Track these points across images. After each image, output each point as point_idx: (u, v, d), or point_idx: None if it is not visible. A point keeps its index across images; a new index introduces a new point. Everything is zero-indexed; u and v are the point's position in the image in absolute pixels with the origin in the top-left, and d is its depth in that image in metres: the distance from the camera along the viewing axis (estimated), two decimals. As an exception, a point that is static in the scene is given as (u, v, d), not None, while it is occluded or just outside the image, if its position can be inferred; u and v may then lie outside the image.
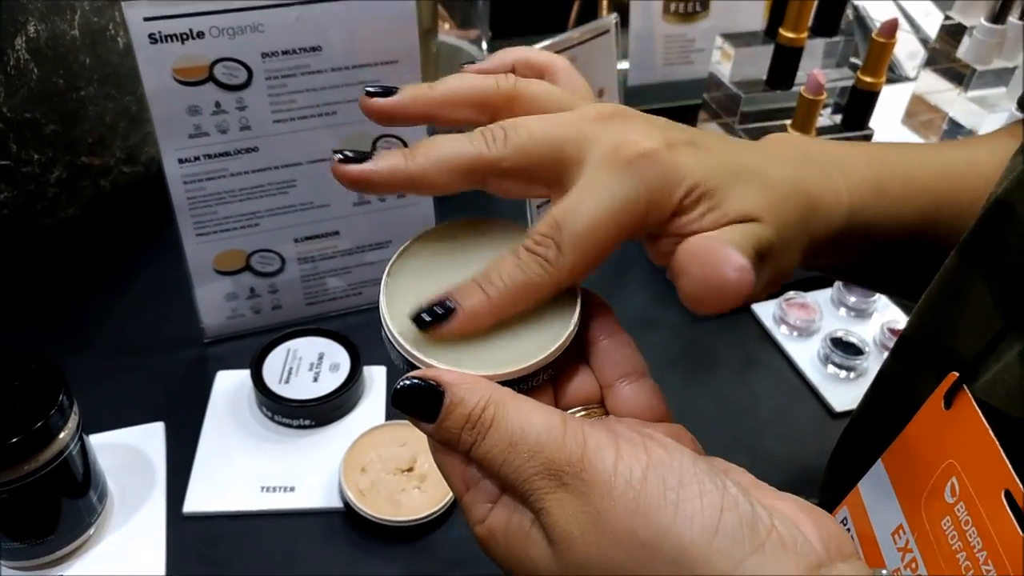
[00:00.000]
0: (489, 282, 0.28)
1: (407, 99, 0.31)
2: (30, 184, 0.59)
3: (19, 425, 0.41)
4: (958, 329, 0.34)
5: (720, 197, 0.29)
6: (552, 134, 0.29)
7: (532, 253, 0.28)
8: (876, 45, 0.65)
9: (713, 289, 0.27)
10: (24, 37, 0.55)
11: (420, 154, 0.29)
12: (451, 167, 0.29)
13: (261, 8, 0.52)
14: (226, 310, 0.62)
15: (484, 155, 0.29)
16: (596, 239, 0.28)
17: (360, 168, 0.29)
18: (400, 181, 0.30)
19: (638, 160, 0.28)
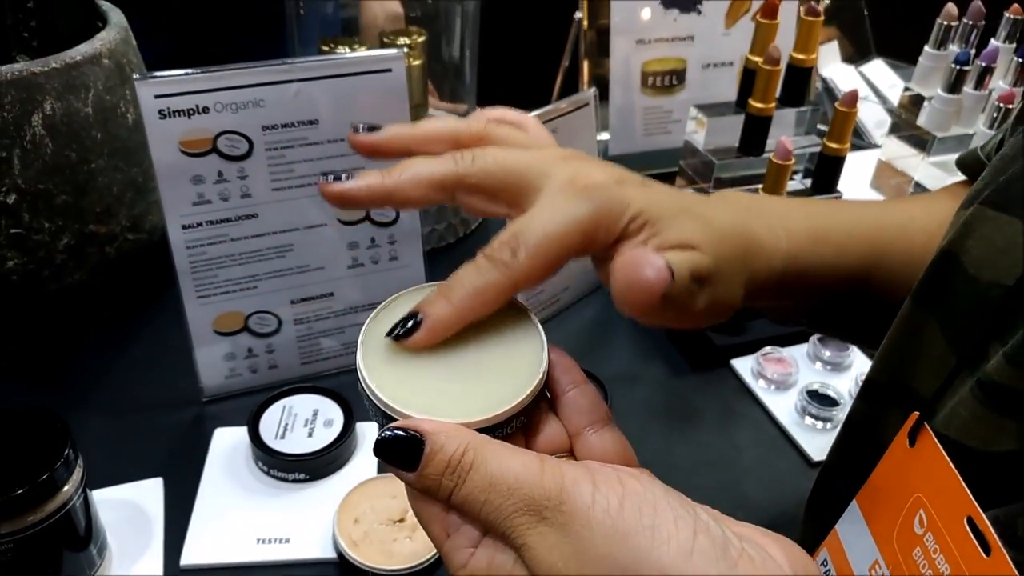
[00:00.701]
0: (450, 289, 0.31)
1: (389, 135, 0.37)
2: (40, 251, 0.62)
3: (25, 476, 0.43)
4: (917, 369, 0.37)
5: (662, 226, 0.32)
6: (515, 160, 0.34)
7: (489, 258, 0.31)
8: (839, 114, 0.69)
9: (633, 286, 0.30)
10: (41, 114, 0.58)
11: (396, 171, 0.34)
12: (423, 182, 0.34)
13: (262, 85, 0.56)
14: (224, 370, 0.64)
15: (452, 171, 0.34)
16: (549, 247, 0.31)
17: (343, 185, 0.34)
18: (379, 195, 0.34)
19: (591, 188, 0.32)
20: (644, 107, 0.97)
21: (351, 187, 0.34)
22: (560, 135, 0.71)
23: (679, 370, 0.71)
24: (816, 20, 0.70)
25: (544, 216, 0.31)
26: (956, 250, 0.35)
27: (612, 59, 0.93)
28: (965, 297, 0.34)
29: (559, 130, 0.70)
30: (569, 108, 0.71)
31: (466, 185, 0.34)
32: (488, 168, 0.34)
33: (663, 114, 0.98)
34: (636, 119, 0.97)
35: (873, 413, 0.40)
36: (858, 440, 0.41)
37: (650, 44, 0.94)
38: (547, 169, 0.33)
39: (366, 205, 0.35)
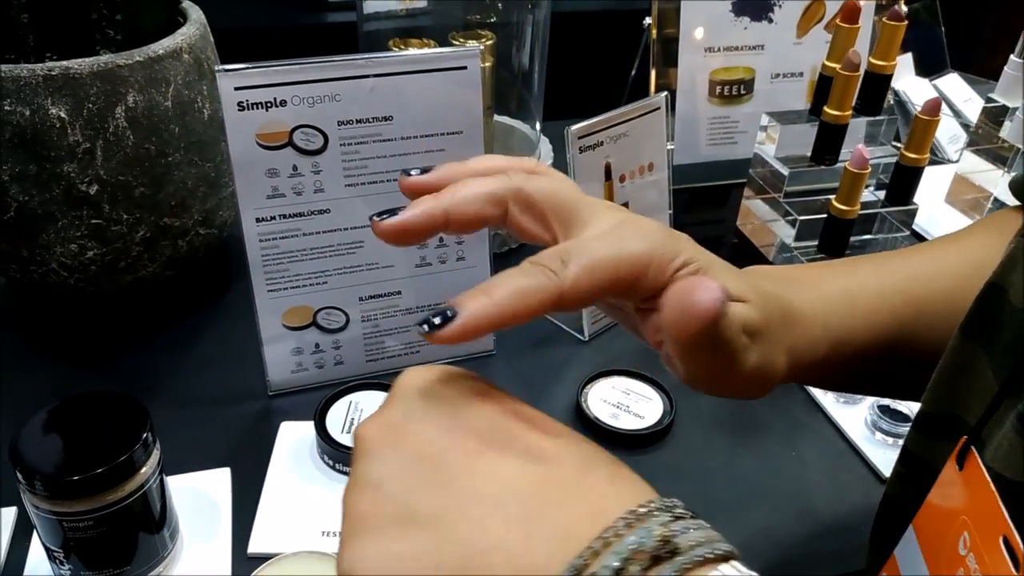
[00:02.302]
0: (492, 285, 0.29)
1: (441, 174, 0.35)
2: (118, 242, 0.64)
3: (106, 457, 0.44)
4: (967, 402, 0.36)
5: (713, 275, 0.32)
6: (567, 192, 0.33)
7: (536, 264, 0.30)
8: (920, 122, 0.67)
9: (688, 310, 0.29)
10: (124, 107, 0.60)
11: (448, 193, 0.33)
12: (479, 196, 0.33)
13: (339, 80, 0.57)
14: (291, 364, 0.64)
15: (507, 183, 0.33)
16: (600, 268, 0.30)
17: (398, 219, 0.32)
18: (437, 218, 0.32)
19: (646, 227, 0.32)
20: (710, 117, 0.96)
21: (407, 218, 0.32)
22: (630, 140, 0.71)
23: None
24: (899, 25, 0.69)
25: (598, 240, 0.31)
26: (1002, 283, 0.35)
27: (680, 67, 0.92)
28: (1010, 329, 0.34)
29: (629, 134, 0.70)
30: (639, 112, 0.71)
31: (521, 198, 0.33)
32: (543, 187, 0.33)
33: (729, 124, 0.97)
34: (701, 129, 0.96)
35: (927, 444, 0.40)
36: (915, 470, 0.41)
37: (719, 52, 0.93)
38: (598, 209, 0.33)
39: (426, 234, 0.33)
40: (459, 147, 0.61)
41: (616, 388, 0.66)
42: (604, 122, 0.68)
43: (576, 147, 0.65)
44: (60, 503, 0.43)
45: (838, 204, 0.71)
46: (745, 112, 0.96)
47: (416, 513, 0.26)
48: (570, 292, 0.29)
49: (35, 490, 0.43)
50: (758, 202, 0.83)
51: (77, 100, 0.58)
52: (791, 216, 0.78)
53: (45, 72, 0.57)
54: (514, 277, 0.29)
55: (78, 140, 0.59)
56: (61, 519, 0.44)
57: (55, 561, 0.47)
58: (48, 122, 0.58)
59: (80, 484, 0.43)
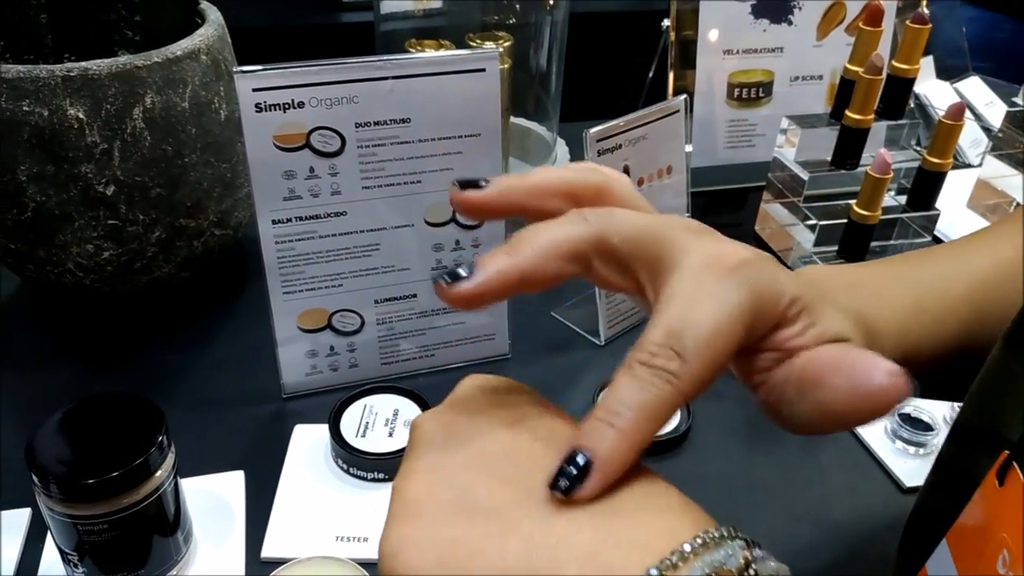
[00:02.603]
0: (615, 414, 0.25)
1: (498, 190, 0.31)
2: (133, 243, 0.63)
3: (121, 460, 0.44)
4: (1007, 415, 0.35)
5: (818, 314, 0.28)
6: (652, 226, 0.28)
7: (650, 367, 0.26)
8: (943, 127, 0.67)
9: (864, 397, 0.26)
10: (142, 107, 0.59)
11: (523, 246, 0.28)
12: (560, 252, 0.28)
13: (358, 81, 0.57)
14: (306, 367, 0.64)
15: (588, 233, 0.28)
16: (717, 345, 0.26)
17: (471, 284, 0.28)
18: (513, 280, 0.28)
19: (743, 266, 0.27)
20: (728, 119, 0.95)
21: (482, 282, 0.28)
22: (648, 143, 0.70)
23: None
24: (923, 28, 0.68)
25: (704, 307, 0.26)
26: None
27: (698, 69, 0.92)
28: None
29: (648, 137, 0.69)
30: (658, 115, 0.70)
31: (605, 249, 0.28)
32: (627, 231, 0.28)
33: (747, 127, 0.96)
34: (719, 132, 0.96)
35: (964, 457, 0.38)
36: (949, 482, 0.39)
37: (738, 55, 0.92)
38: (683, 241, 0.28)
39: (502, 298, 0.28)
40: (477, 149, 0.61)
41: (633, 394, 0.65)
42: (623, 125, 0.67)
43: (595, 150, 0.65)
44: (75, 506, 0.43)
45: (859, 209, 0.70)
46: (763, 115, 0.95)
47: (477, 503, 0.25)
48: (695, 390, 0.26)
49: (50, 493, 0.43)
50: (777, 206, 0.82)
51: (95, 101, 0.58)
52: (811, 221, 0.77)
53: (64, 73, 0.57)
54: (634, 394, 0.25)
55: (96, 141, 0.59)
56: (76, 522, 0.44)
57: (69, 564, 0.46)
58: (66, 123, 0.57)
59: (95, 487, 0.43)
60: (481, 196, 0.31)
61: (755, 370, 0.29)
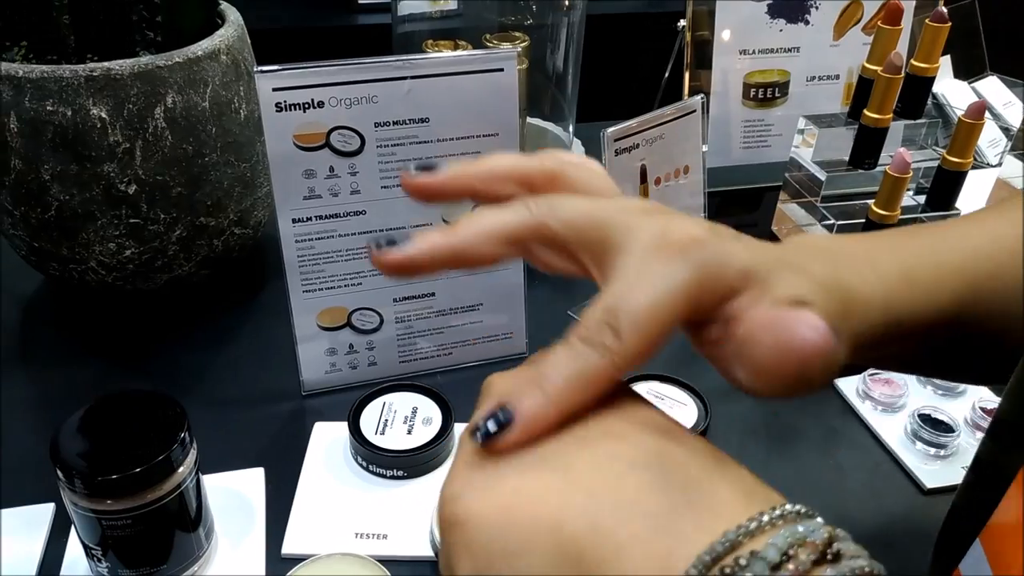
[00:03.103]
0: (543, 378, 0.26)
1: (449, 175, 0.31)
2: (155, 241, 0.64)
3: (144, 456, 0.44)
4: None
5: (771, 281, 0.28)
6: (597, 211, 0.29)
7: (587, 341, 0.26)
8: (963, 126, 0.66)
9: (788, 352, 0.26)
10: (163, 107, 0.60)
11: (461, 227, 0.29)
12: (496, 235, 0.29)
13: (377, 81, 0.57)
14: (325, 365, 0.64)
15: (528, 220, 0.29)
16: (656, 321, 0.26)
17: (400, 251, 0.29)
18: (444, 257, 0.29)
19: (688, 244, 0.27)
20: (743, 119, 0.95)
21: (411, 253, 0.29)
22: (665, 142, 0.70)
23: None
24: (943, 27, 0.68)
25: (644, 285, 0.27)
26: None
27: (714, 69, 0.92)
28: None
29: (665, 137, 0.69)
30: (675, 115, 0.70)
31: (544, 236, 0.29)
32: (569, 217, 0.29)
33: (763, 127, 0.96)
34: (735, 132, 0.95)
35: (1002, 453, 0.37)
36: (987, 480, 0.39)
37: (753, 55, 0.92)
38: (632, 222, 0.28)
39: (429, 270, 0.29)
40: (495, 149, 0.61)
41: (651, 393, 0.65)
42: (640, 125, 0.67)
43: (612, 149, 0.65)
44: (99, 501, 0.44)
45: (878, 209, 0.70)
46: (778, 115, 0.95)
47: (545, 458, 0.26)
48: (629, 363, 0.26)
49: (75, 488, 0.43)
50: (794, 206, 0.82)
51: (118, 101, 0.58)
52: (828, 221, 0.77)
53: (87, 73, 0.57)
54: (566, 362, 0.26)
55: (118, 140, 0.59)
56: (100, 517, 0.44)
57: (93, 558, 0.47)
58: (89, 122, 0.58)
59: (119, 483, 0.43)
60: (432, 179, 0.31)
61: (708, 341, 0.29)
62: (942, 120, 0.96)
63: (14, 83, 0.58)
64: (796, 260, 0.31)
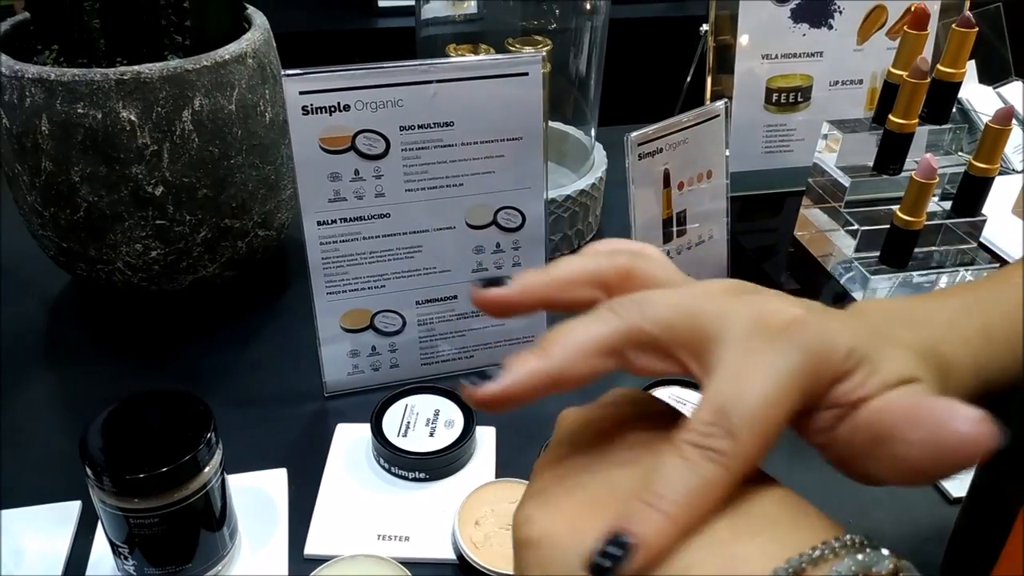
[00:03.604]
0: (660, 497, 0.24)
1: (521, 287, 0.30)
2: (180, 242, 0.65)
3: (172, 456, 0.44)
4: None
5: (877, 360, 0.26)
6: (685, 303, 0.27)
7: (700, 448, 0.25)
8: (991, 132, 0.66)
9: (948, 450, 0.24)
10: (191, 110, 0.61)
11: (554, 348, 0.27)
12: (591, 350, 0.27)
13: (402, 85, 0.57)
14: (348, 366, 0.65)
15: (621, 328, 0.27)
16: (769, 418, 0.24)
17: (498, 386, 0.27)
18: (543, 384, 0.27)
19: (790, 327, 0.26)
20: (765, 124, 0.95)
21: (509, 385, 0.27)
22: (689, 147, 0.70)
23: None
24: (970, 32, 0.67)
25: (752, 379, 0.25)
26: None
27: (736, 74, 0.91)
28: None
29: (688, 141, 0.69)
30: (698, 120, 0.70)
31: (640, 341, 0.27)
32: (660, 316, 0.27)
33: (785, 132, 0.95)
34: (757, 136, 0.95)
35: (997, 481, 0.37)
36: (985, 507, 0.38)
37: (776, 59, 0.92)
38: (724, 309, 0.27)
39: (530, 399, 0.27)
40: (519, 153, 0.61)
41: (672, 398, 0.65)
42: (663, 129, 0.67)
43: (635, 154, 0.65)
44: (127, 499, 0.44)
45: (903, 215, 0.69)
46: (800, 119, 0.95)
47: (611, 482, 0.26)
48: (749, 467, 0.25)
49: (103, 486, 0.44)
50: (817, 211, 0.82)
51: (147, 104, 0.59)
52: (851, 226, 0.76)
53: (117, 76, 0.58)
54: (683, 476, 0.24)
55: (146, 142, 0.60)
56: (127, 515, 0.45)
57: (119, 556, 0.47)
58: (119, 125, 0.59)
59: (147, 481, 0.44)
60: (504, 294, 0.30)
61: (817, 430, 0.27)
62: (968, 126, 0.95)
63: (46, 86, 0.58)
64: (890, 332, 0.29)
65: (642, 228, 0.68)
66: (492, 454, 0.60)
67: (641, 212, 0.67)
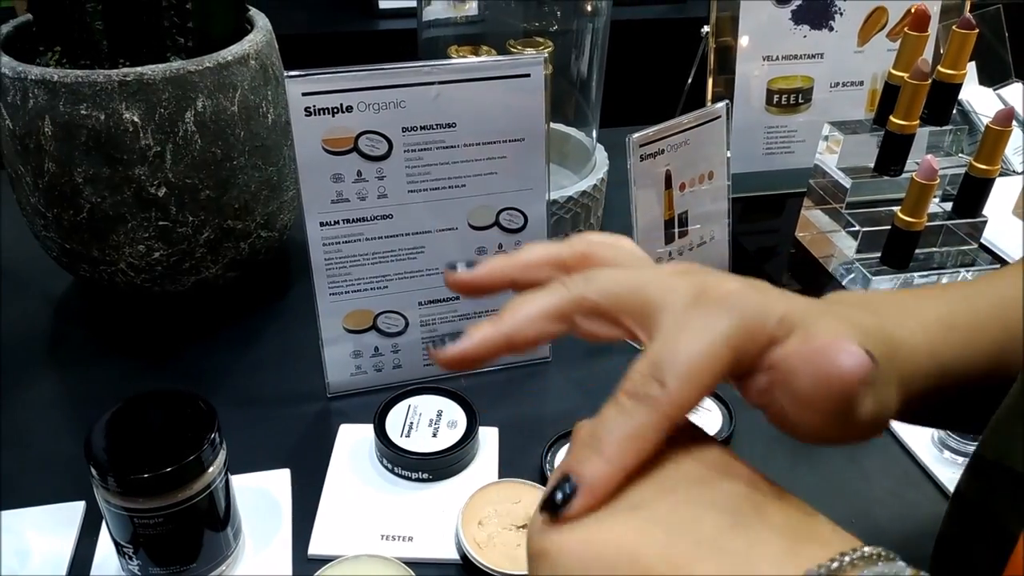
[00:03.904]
0: (599, 441, 0.27)
1: (487, 270, 0.34)
2: (183, 243, 0.65)
3: (176, 456, 0.44)
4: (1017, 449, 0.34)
5: (812, 328, 0.29)
6: (632, 278, 0.31)
7: (634, 396, 0.27)
8: (991, 133, 0.66)
9: (830, 380, 0.27)
10: (193, 111, 0.61)
11: (507, 315, 0.31)
12: (540, 316, 0.31)
13: (405, 86, 0.57)
14: (350, 367, 0.65)
15: (567, 297, 0.31)
16: (700, 370, 0.27)
17: (456, 348, 0.31)
18: (497, 346, 0.31)
19: (727, 296, 0.28)
20: (766, 126, 0.95)
21: (466, 347, 0.31)
22: (690, 148, 0.70)
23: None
24: (970, 34, 0.67)
25: (686, 337, 0.28)
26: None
27: (737, 75, 0.92)
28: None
29: (689, 143, 0.69)
30: (699, 121, 0.70)
31: (584, 308, 0.31)
32: (605, 287, 0.31)
33: (786, 133, 0.96)
34: (758, 138, 0.95)
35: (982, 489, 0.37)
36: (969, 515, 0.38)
37: (777, 61, 0.92)
38: (669, 283, 0.30)
39: (488, 359, 0.31)
40: (521, 154, 0.62)
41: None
42: (665, 130, 0.67)
43: (637, 155, 0.65)
44: (131, 499, 0.44)
45: (904, 216, 0.69)
46: (801, 121, 0.95)
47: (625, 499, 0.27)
48: (678, 412, 0.27)
49: (108, 486, 0.44)
50: (818, 212, 0.82)
51: (150, 105, 0.59)
52: (853, 227, 0.76)
53: (120, 78, 0.58)
54: (617, 422, 0.27)
55: (149, 144, 0.60)
56: (132, 515, 0.45)
57: (124, 556, 0.47)
58: (122, 126, 0.59)
59: (152, 481, 0.44)
60: (472, 275, 0.34)
61: (757, 392, 0.29)
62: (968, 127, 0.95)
63: (48, 87, 0.59)
64: (836, 310, 0.31)
65: (644, 229, 0.68)
66: (495, 454, 0.60)
67: (643, 213, 0.67)
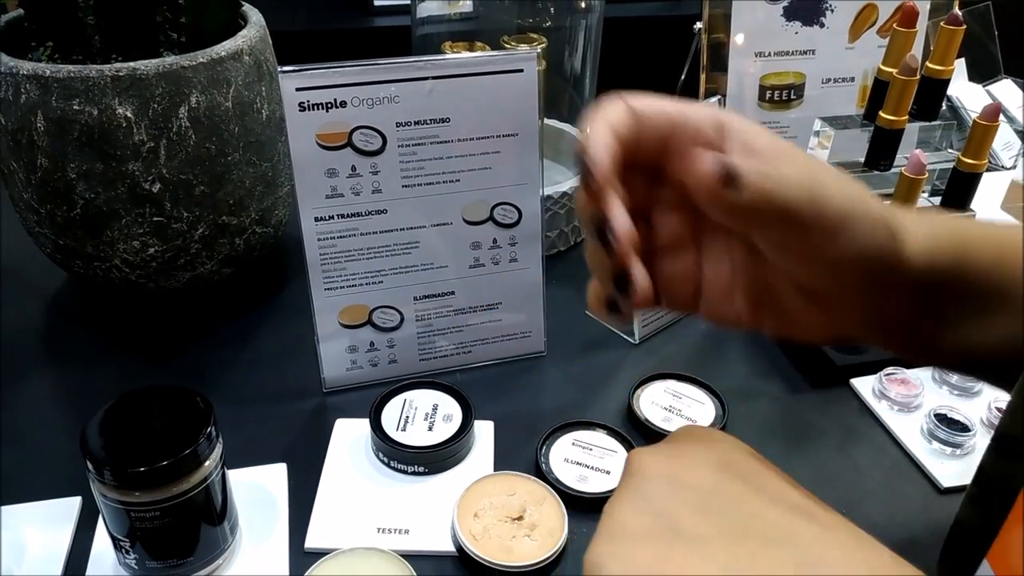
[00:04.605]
0: None
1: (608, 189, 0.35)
2: (178, 239, 0.65)
3: (172, 449, 0.45)
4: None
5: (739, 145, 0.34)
6: None
7: None
8: (978, 128, 0.67)
9: (694, 175, 0.32)
10: (187, 107, 0.61)
11: None
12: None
13: (399, 81, 0.58)
14: (346, 362, 0.65)
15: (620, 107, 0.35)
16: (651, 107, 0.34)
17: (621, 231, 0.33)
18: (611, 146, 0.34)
19: None
20: (759, 122, 0.95)
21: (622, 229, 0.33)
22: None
23: (797, 387, 0.69)
24: (957, 30, 0.68)
25: None
26: None
27: (730, 72, 0.92)
28: None
29: (682, 138, 0.70)
30: (692, 116, 0.70)
31: None
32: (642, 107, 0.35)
33: (779, 129, 0.96)
34: (750, 134, 0.96)
35: (1008, 468, 0.38)
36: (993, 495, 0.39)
37: (769, 57, 0.92)
38: None
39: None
40: (515, 149, 0.62)
41: (668, 392, 0.66)
42: (658, 125, 0.67)
43: (630, 150, 0.65)
44: (128, 493, 0.44)
45: (894, 210, 0.70)
46: (793, 117, 0.95)
47: (679, 531, 0.27)
48: None
49: (104, 479, 0.44)
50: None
51: (143, 100, 0.59)
52: (844, 222, 0.77)
53: (113, 73, 0.58)
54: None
55: (143, 139, 0.60)
56: (128, 509, 0.45)
57: (121, 550, 0.48)
58: (115, 121, 0.59)
59: (148, 475, 0.44)
60: None
61: None
62: (957, 123, 0.96)
63: (41, 82, 0.59)
64: (813, 168, 0.35)
65: (637, 224, 0.68)
66: (490, 447, 0.61)
67: (636, 208, 0.68)
